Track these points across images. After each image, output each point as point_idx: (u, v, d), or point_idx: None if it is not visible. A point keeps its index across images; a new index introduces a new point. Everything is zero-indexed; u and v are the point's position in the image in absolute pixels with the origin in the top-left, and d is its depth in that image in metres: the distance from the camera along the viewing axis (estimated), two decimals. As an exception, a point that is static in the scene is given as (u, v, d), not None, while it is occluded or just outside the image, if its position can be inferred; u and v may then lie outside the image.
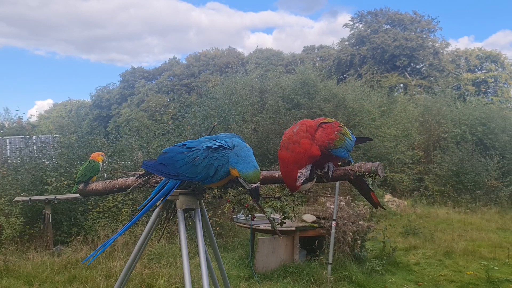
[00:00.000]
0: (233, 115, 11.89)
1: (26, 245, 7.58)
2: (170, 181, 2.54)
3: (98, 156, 3.31)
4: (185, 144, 2.49)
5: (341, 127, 2.49)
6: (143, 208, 2.55)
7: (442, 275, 7.14)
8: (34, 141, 11.13)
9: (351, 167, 2.34)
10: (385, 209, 3.20)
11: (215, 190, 2.69)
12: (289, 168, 2.32)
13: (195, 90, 39.34)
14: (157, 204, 2.59)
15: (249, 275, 6.55)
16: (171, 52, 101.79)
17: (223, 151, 2.36)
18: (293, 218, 7.34)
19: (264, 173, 2.65)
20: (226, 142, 2.41)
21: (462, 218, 12.44)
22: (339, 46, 41.15)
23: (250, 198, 2.53)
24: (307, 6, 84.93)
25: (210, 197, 2.82)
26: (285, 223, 2.52)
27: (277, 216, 2.49)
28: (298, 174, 2.33)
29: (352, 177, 2.18)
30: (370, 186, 2.74)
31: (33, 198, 7.69)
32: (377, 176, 2.16)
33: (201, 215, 2.63)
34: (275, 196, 2.48)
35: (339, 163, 2.48)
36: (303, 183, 2.35)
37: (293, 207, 2.45)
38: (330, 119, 2.56)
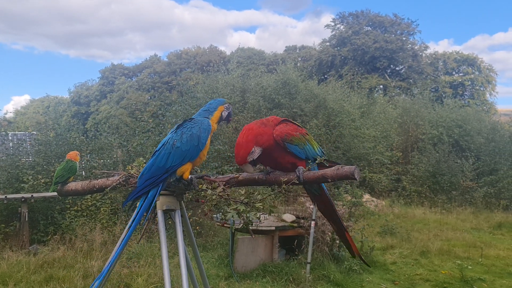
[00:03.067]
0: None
1: (1, 244, 7.43)
2: (151, 191, 2.57)
3: (76, 156, 3.26)
4: (156, 150, 2.63)
5: (308, 134, 2.66)
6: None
7: (418, 274, 7.29)
8: (10, 138, 10.90)
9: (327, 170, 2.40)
10: (367, 264, 3.34)
11: (191, 192, 2.72)
12: (249, 138, 2.49)
13: (176, 88, 39.07)
14: (146, 215, 2.62)
15: (228, 275, 6.56)
16: (153, 49, 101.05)
17: (192, 121, 2.62)
18: (270, 219, 7.40)
19: (245, 175, 2.67)
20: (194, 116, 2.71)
21: (438, 218, 12.70)
22: (321, 47, 41.43)
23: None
24: (291, 6, 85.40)
25: (190, 196, 2.83)
26: (246, 227, 2.57)
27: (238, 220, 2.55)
28: (252, 149, 2.49)
29: (329, 180, 2.22)
30: (343, 225, 2.88)
31: (9, 196, 7.54)
32: (354, 180, 2.21)
33: (181, 216, 2.64)
34: (242, 201, 2.51)
35: (308, 167, 2.57)
36: (249, 162, 2.51)
37: (258, 216, 2.51)
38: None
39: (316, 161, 2.57)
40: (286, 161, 2.59)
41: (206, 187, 2.56)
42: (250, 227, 2.55)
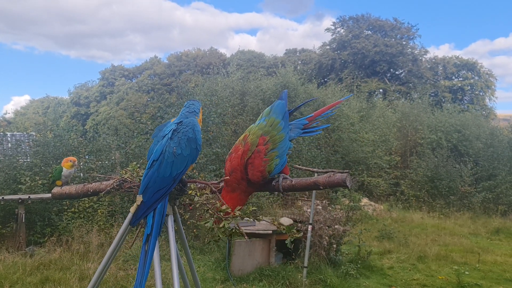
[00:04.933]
0: (213, 117, 11.85)
1: (-3, 245, 7.43)
2: (160, 203, 2.54)
3: (66, 162, 3.26)
4: (153, 160, 2.53)
5: (267, 143, 2.58)
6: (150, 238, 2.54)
7: (414, 279, 7.28)
8: (9, 138, 10.89)
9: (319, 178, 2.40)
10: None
11: (184, 197, 2.71)
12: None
13: (176, 90, 39.08)
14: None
15: (225, 278, 6.55)
16: (154, 51, 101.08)
17: (183, 124, 2.59)
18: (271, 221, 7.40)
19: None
20: (178, 119, 2.68)
21: (436, 223, 12.68)
22: (321, 50, 41.44)
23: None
24: (293, 9, 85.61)
25: (188, 200, 2.82)
26: (236, 238, 2.58)
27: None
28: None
29: (321, 187, 2.22)
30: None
31: (6, 197, 7.53)
32: (346, 188, 2.21)
33: (174, 221, 2.64)
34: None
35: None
36: None
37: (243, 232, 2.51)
38: (256, 135, 2.62)
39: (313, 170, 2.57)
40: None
41: (195, 193, 2.55)
42: (236, 234, 2.53)
